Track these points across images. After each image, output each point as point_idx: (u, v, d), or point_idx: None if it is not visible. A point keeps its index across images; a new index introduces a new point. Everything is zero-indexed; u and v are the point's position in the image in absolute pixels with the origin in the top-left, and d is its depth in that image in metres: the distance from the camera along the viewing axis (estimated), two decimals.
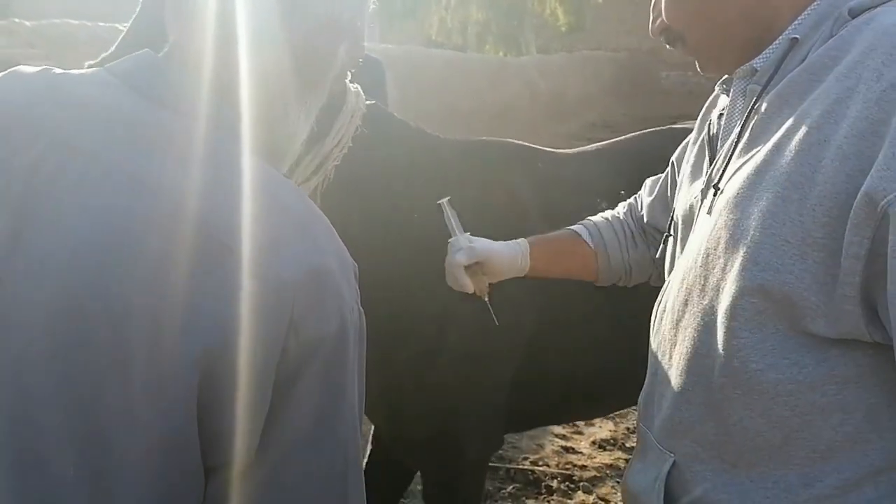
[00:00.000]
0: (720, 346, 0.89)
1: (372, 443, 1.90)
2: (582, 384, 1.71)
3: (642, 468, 1.03)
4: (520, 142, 1.91)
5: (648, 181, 1.38)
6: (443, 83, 10.24)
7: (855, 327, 0.80)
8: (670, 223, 1.12)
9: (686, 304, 0.95)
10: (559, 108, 13.16)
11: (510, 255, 1.33)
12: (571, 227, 1.39)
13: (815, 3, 0.90)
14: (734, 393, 0.89)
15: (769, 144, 0.87)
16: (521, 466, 3.05)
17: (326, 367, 0.70)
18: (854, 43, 0.83)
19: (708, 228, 0.93)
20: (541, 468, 3.05)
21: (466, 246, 1.32)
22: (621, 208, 1.41)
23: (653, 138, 1.93)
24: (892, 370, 0.81)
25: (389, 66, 9.37)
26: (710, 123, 1.08)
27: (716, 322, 0.89)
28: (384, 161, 1.54)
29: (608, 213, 1.40)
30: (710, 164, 1.03)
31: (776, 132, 0.87)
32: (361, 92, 1.32)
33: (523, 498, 2.86)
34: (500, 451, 3.17)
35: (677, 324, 0.97)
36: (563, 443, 3.29)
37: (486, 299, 1.34)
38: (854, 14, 0.86)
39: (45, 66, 0.80)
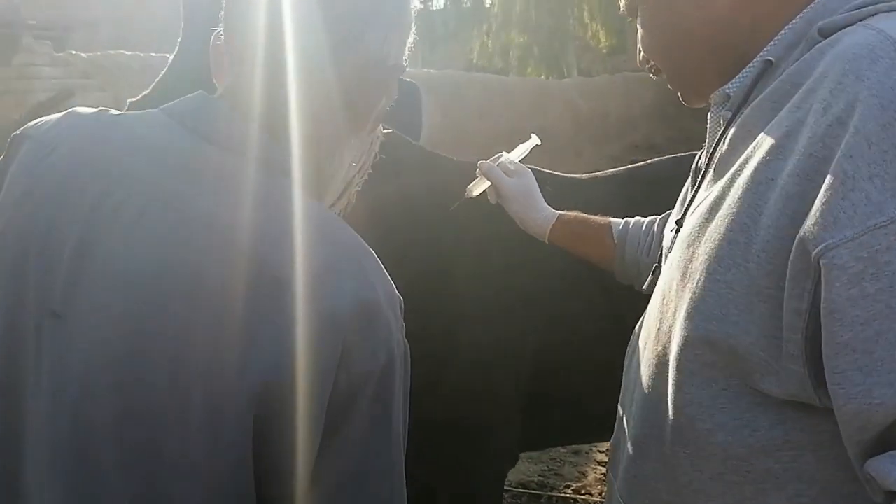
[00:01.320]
0: (670, 400, 0.82)
1: None
2: (593, 404, 1.72)
3: None
4: (531, 165, 1.95)
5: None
6: (484, 106, 10.32)
7: (803, 390, 0.72)
8: (659, 255, 1.05)
9: (645, 347, 0.90)
10: (602, 130, 13.13)
11: (532, 213, 1.39)
12: (611, 219, 1.39)
13: (792, 22, 0.83)
14: (683, 452, 0.81)
15: (725, 179, 0.80)
16: (562, 494, 3.01)
17: (375, 400, 0.70)
18: (815, 67, 0.76)
19: (668, 267, 0.88)
20: (583, 497, 3.01)
21: (510, 175, 1.39)
22: (659, 218, 1.35)
23: (668, 165, 1.92)
24: None
25: (431, 89, 9.54)
26: (702, 151, 1.02)
27: (667, 372, 0.82)
28: (401, 185, 1.59)
29: (652, 219, 1.35)
30: (686, 195, 0.98)
31: (734, 165, 0.80)
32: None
33: None
34: (542, 478, 3.14)
35: (638, 368, 0.91)
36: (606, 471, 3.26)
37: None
38: (825, 34, 0.79)
39: (101, 108, 0.84)
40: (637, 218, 1.36)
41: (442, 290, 1.58)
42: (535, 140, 1.44)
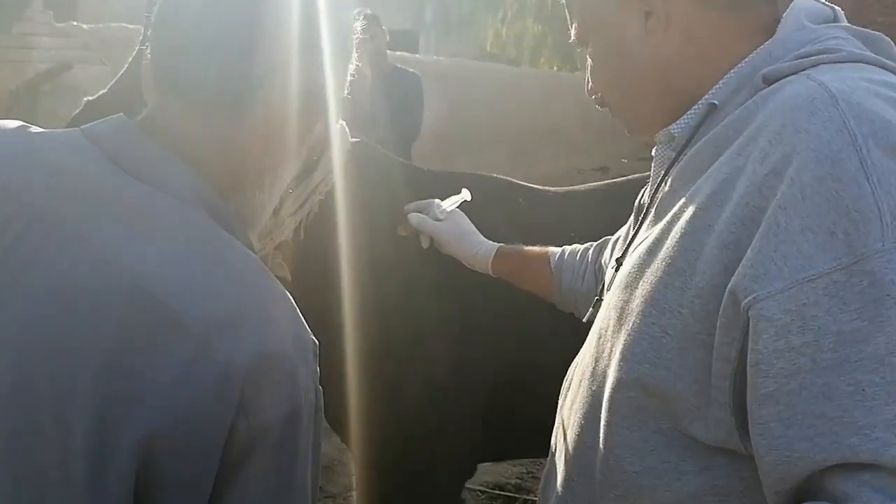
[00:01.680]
0: (601, 440, 0.83)
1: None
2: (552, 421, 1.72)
3: None
4: (504, 177, 1.95)
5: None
6: (494, 97, 10.24)
7: (729, 437, 0.73)
8: (601, 287, 1.06)
9: (580, 385, 0.90)
10: (612, 126, 13.06)
11: (470, 252, 1.45)
12: (549, 248, 1.42)
13: (738, 66, 0.83)
14: (612, 493, 0.82)
15: (665, 221, 0.81)
16: (537, 498, 3.01)
17: (276, 451, 0.68)
18: (754, 118, 0.77)
19: (606, 305, 0.88)
20: None
21: (441, 218, 1.47)
22: (595, 245, 1.38)
23: (638, 183, 1.90)
24: None
25: (440, 77, 9.42)
26: (645, 187, 1.02)
27: (600, 412, 0.83)
28: (370, 195, 1.58)
29: (587, 246, 1.38)
30: (629, 233, 0.98)
31: (675, 207, 0.81)
32: (347, 129, 1.31)
33: None
34: (519, 481, 3.14)
35: (572, 405, 0.91)
36: None
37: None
38: (768, 81, 0.79)
39: (22, 124, 0.80)
40: (574, 246, 1.38)
41: (408, 308, 1.60)
42: (466, 194, 1.51)
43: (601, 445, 0.83)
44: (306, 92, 0.77)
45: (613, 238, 1.27)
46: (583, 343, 1.25)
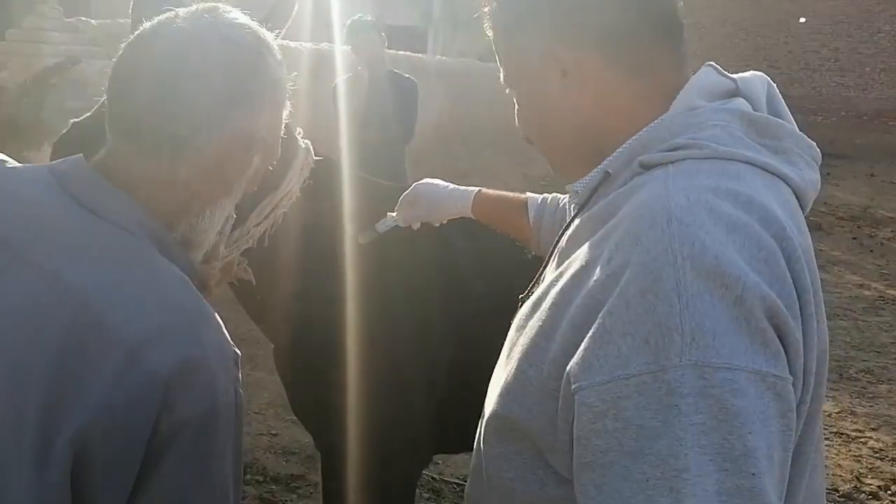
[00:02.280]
0: (484, 451, 0.93)
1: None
2: None
3: None
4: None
5: None
6: (494, 97, 10.29)
7: (572, 474, 0.82)
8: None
9: (489, 395, 0.98)
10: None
11: (448, 207, 1.54)
12: (530, 195, 1.50)
13: (633, 139, 0.90)
14: (494, 492, 0.93)
15: (552, 278, 0.89)
16: None
17: (193, 443, 0.79)
18: (624, 204, 0.84)
19: (507, 340, 0.96)
20: None
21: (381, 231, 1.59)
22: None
23: None
24: None
25: (443, 77, 9.48)
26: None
27: (485, 428, 0.93)
28: (330, 208, 1.69)
29: (565, 198, 1.43)
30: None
31: (560, 267, 0.89)
32: (311, 147, 1.45)
33: None
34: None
35: (484, 408, 1.00)
36: None
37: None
38: (644, 167, 0.86)
39: (1, 157, 0.92)
40: (553, 198, 1.45)
41: (365, 309, 1.70)
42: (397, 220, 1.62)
43: (483, 454, 0.94)
44: (239, 135, 0.89)
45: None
46: None
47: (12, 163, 0.91)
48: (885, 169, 14.17)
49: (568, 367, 0.78)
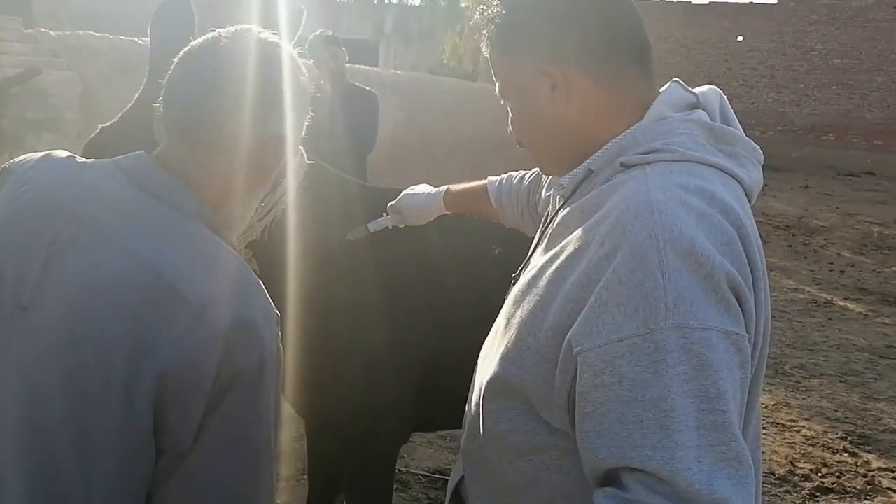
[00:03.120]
0: (482, 407, 1.10)
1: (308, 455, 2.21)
2: None
3: (454, 469, 1.27)
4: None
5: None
6: (449, 110, 10.50)
7: (565, 425, 1.00)
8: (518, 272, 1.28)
9: (482, 363, 1.17)
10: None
11: (426, 206, 1.77)
12: (489, 180, 1.74)
13: (613, 142, 1.05)
14: (491, 443, 1.10)
15: (546, 259, 1.05)
16: None
17: (247, 388, 0.96)
18: (608, 199, 1.00)
19: (504, 310, 1.12)
20: None
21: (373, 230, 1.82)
22: (525, 182, 1.64)
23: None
24: None
25: (398, 90, 9.62)
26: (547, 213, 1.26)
27: (483, 388, 1.10)
28: (322, 208, 1.87)
29: (520, 176, 1.67)
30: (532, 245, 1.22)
31: (553, 250, 1.04)
32: (305, 153, 1.63)
33: None
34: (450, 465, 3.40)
35: (476, 375, 1.19)
36: None
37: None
38: (626, 166, 1.02)
39: (69, 154, 1.08)
40: (510, 178, 1.68)
41: (349, 297, 1.88)
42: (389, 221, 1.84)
43: (482, 410, 1.10)
44: (274, 135, 1.07)
45: (544, 193, 1.51)
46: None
47: (79, 157, 1.07)
48: (818, 181, 14.82)
49: (569, 334, 0.94)
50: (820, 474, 3.54)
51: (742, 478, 0.88)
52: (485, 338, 1.30)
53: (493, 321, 1.36)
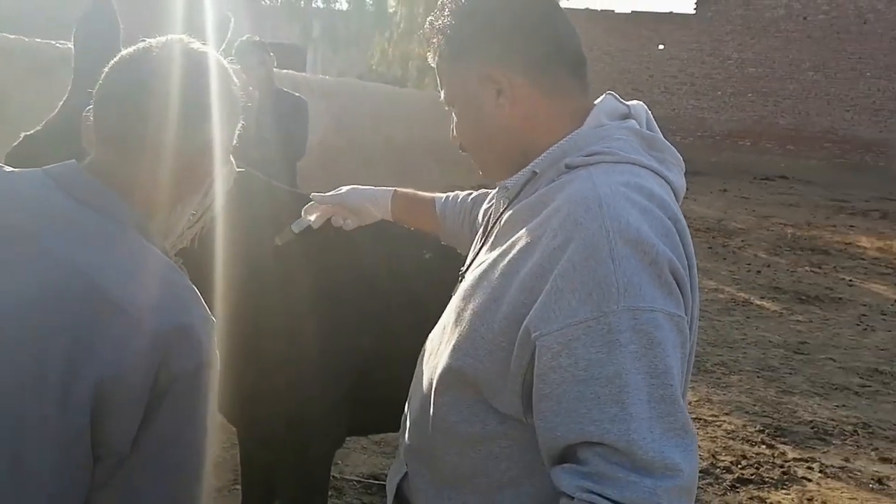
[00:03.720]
0: (431, 401, 1.15)
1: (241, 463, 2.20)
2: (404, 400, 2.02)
3: (393, 470, 1.31)
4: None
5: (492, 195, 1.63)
6: (379, 116, 10.51)
7: (517, 412, 1.06)
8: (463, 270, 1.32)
9: (428, 358, 1.22)
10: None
11: (369, 199, 1.70)
12: (435, 195, 1.75)
13: (555, 146, 1.13)
14: (439, 435, 1.15)
15: (495, 254, 1.11)
16: None
17: (185, 391, 0.98)
18: (555, 197, 1.07)
19: (451, 306, 1.18)
20: None
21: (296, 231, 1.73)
22: (471, 196, 1.69)
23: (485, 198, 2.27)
24: None
25: (326, 95, 9.55)
26: (489, 212, 1.33)
27: (434, 381, 1.15)
28: (251, 215, 1.88)
29: (466, 194, 1.70)
30: (475, 246, 1.28)
31: (502, 246, 1.11)
32: (234, 161, 1.63)
33: None
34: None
35: (421, 371, 1.24)
36: None
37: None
38: (569, 167, 1.10)
39: None
40: (455, 193, 1.71)
41: (280, 304, 1.89)
42: (309, 220, 1.77)
43: (432, 403, 1.14)
44: (206, 143, 1.08)
45: (485, 204, 1.55)
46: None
47: (6, 168, 1.06)
48: (736, 185, 15.39)
49: (526, 321, 1.00)
50: (740, 466, 3.69)
51: (688, 445, 0.96)
52: (417, 340, 1.35)
53: (425, 324, 1.39)
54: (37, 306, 0.94)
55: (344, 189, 1.74)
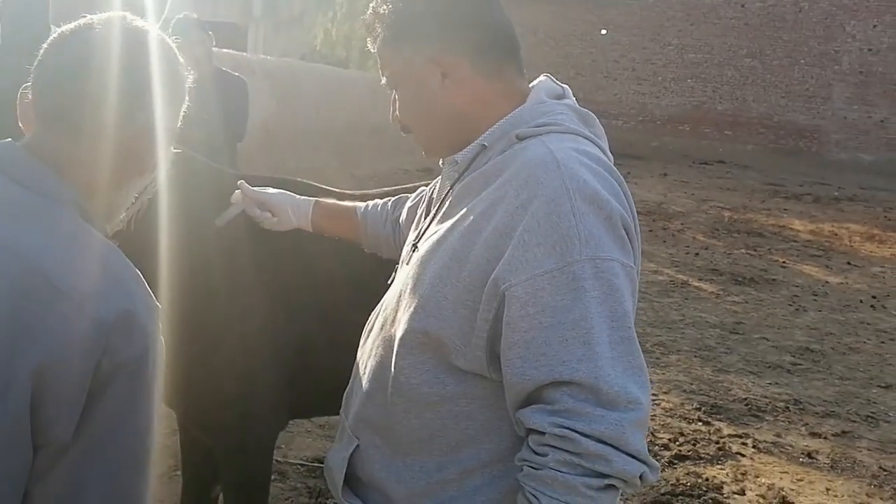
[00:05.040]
0: (392, 364, 1.20)
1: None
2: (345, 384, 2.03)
3: (337, 448, 1.32)
4: (309, 181, 2.25)
5: (418, 192, 1.69)
6: (321, 97, 10.38)
7: (480, 367, 1.13)
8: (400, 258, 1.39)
9: (381, 328, 1.27)
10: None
11: (291, 204, 1.72)
12: (356, 204, 1.77)
13: (503, 121, 1.21)
14: (399, 399, 1.20)
15: (451, 222, 1.18)
16: None
17: (130, 379, 0.96)
18: (510, 164, 1.16)
19: (405, 275, 1.24)
20: None
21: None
22: (391, 200, 1.74)
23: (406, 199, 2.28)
24: (503, 397, 1.13)
25: (268, 76, 9.41)
26: (435, 187, 1.39)
27: (393, 346, 1.20)
28: (190, 197, 1.84)
29: (385, 200, 1.74)
30: (421, 223, 1.34)
31: (458, 214, 1.18)
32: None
33: None
34: None
35: (374, 341, 1.29)
36: None
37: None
38: (520, 138, 1.18)
39: None
40: (375, 201, 1.76)
41: (219, 285, 1.87)
42: (237, 208, 1.77)
43: (393, 367, 1.19)
44: (149, 123, 1.05)
45: (409, 202, 1.62)
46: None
47: None
48: (676, 169, 15.70)
49: (494, 274, 1.08)
50: (677, 443, 3.80)
51: (644, 382, 1.09)
52: (359, 319, 1.39)
53: (369, 307, 1.41)
54: None
55: (272, 191, 1.75)
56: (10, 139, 1.02)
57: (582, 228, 1.06)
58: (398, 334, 1.19)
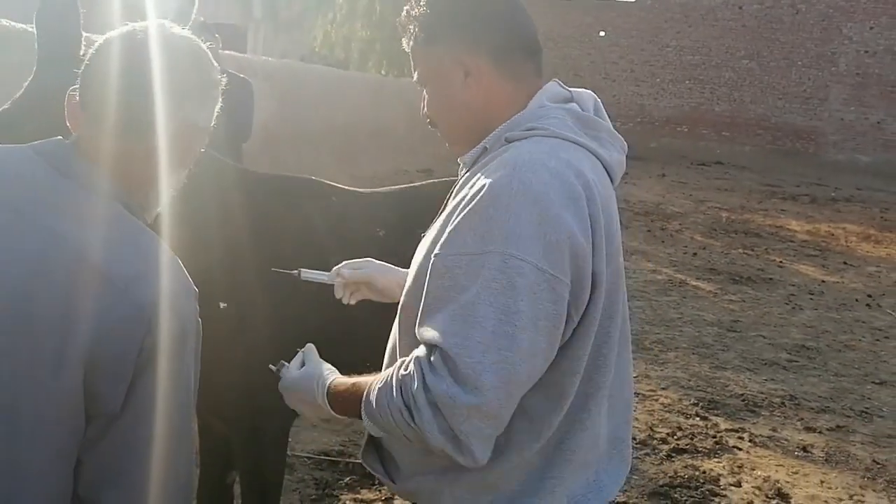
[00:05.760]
0: (397, 343, 1.35)
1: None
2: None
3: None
4: (320, 179, 2.33)
5: None
6: (321, 98, 10.44)
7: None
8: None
9: (399, 311, 1.36)
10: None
11: (395, 277, 1.65)
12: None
13: (504, 124, 1.30)
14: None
15: (444, 215, 1.29)
16: (359, 461, 3.36)
17: (170, 357, 1.05)
18: (490, 165, 1.24)
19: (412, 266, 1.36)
20: None
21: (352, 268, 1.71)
22: None
23: (434, 187, 2.36)
24: None
25: (269, 77, 9.46)
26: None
27: (399, 326, 1.36)
28: (204, 193, 1.91)
29: None
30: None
31: (449, 207, 1.29)
32: None
33: (359, 488, 3.18)
34: (342, 447, 3.49)
35: (392, 326, 1.41)
36: None
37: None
38: (509, 140, 1.27)
39: None
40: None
41: (231, 280, 1.95)
42: (327, 279, 1.72)
43: (397, 345, 1.34)
44: (189, 122, 1.13)
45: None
46: (378, 316, 1.69)
47: None
48: (674, 170, 15.79)
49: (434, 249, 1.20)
50: (675, 437, 3.87)
51: (503, 380, 1.12)
52: (368, 315, 1.54)
53: (367, 309, 1.49)
54: (28, 275, 0.98)
55: (370, 267, 1.72)
56: (59, 137, 1.10)
57: (510, 226, 1.13)
58: (400, 316, 1.32)
